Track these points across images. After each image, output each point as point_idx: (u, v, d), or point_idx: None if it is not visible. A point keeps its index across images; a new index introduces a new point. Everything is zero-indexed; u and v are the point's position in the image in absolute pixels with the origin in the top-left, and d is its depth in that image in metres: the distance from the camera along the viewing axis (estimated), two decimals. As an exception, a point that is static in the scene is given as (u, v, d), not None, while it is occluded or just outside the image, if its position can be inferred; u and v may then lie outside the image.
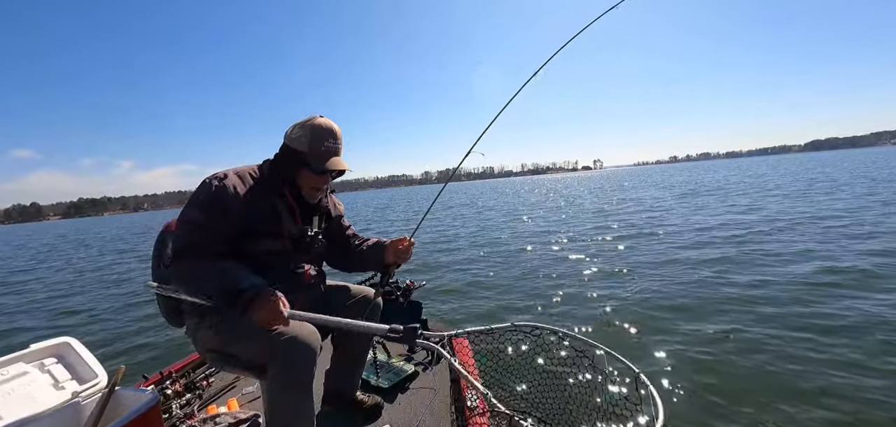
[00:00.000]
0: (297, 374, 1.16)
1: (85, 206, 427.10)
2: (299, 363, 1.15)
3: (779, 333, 3.01)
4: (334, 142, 1.27)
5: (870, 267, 4.36)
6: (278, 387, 1.17)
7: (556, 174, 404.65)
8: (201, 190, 1.21)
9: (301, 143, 1.25)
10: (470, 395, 1.59)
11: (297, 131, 1.26)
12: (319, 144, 1.24)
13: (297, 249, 1.34)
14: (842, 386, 2.33)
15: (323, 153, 1.25)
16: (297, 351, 1.14)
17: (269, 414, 1.21)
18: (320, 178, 1.30)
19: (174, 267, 1.16)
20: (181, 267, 1.15)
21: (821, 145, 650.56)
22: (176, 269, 1.16)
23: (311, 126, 1.24)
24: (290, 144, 1.28)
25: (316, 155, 1.25)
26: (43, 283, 9.11)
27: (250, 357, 1.22)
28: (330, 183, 1.39)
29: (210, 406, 1.81)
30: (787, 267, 4.69)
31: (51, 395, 1.26)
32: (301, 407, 1.19)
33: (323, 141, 1.25)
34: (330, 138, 1.26)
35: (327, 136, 1.26)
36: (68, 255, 15.48)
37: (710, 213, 10.04)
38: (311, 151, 1.24)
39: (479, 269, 6.23)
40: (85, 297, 6.95)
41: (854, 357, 2.60)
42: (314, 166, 1.26)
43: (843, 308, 3.36)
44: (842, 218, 7.66)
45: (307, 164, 1.26)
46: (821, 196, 11.77)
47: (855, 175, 20.07)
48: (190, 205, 1.20)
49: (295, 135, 1.27)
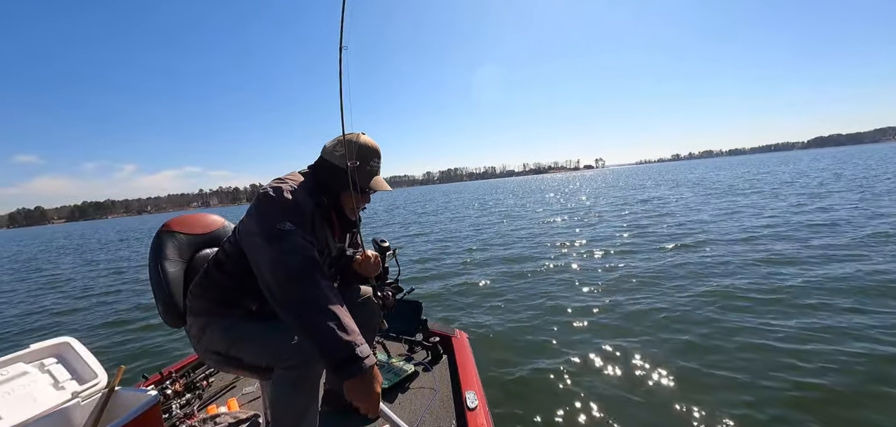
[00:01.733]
0: (307, 376, 1.15)
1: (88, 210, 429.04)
2: (311, 364, 1.14)
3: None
4: (378, 161, 1.27)
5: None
6: (286, 388, 1.16)
7: (558, 173, 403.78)
8: (280, 202, 1.12)
9: (345, 161, 1.21)
10: (470, 395, 1.58)
11: (340, 149, 1.22)
12: (365, 164, 1.23)
13: (331, 266, 1.34)
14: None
15: (368, 173, 1.24)
16: (309, 352, 1.13)
17: (273, 415, 1.20)
18: (363, 197, 1.28)
19: (286, 290, 1.02)
20: (297, 293, 1.01)
21: (824, 142, 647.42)
22: (288, 295, 1.02)
23: (359, 144, 1.22)
24: (332, 161, 1.24)
25: (361, 174, 1.22)
26: (43, 283, 9.16)
27: (256, 360, 1.22)
28: (369, 201, 1.36)
29: (210, 406, 1.81)
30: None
31: (51, 395, 1.26)
32: (308, 408, 1.19)
33: (368, 161, 1.24)
34: (375, 158, 1.25)
35: (372, 156, 1.25)
36: (69, 255, 15.57)
37: (776, 215, 8.46)
38: (357, 170, 1.21)
39: (501, 281, 5.41)
40: (85, 298, 6.98)
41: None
42: (360, 185, 1.23)
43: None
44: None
45: (352, 182, 1.22)
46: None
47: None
48: (274, 218, 1.08)
49: (338, 152, 1.23)
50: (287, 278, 1.02)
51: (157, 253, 1.34)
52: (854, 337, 2.83)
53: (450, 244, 9.14)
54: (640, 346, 2.98)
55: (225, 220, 1.56)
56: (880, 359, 2.53)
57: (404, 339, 2.23)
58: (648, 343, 3.04)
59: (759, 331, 3.07)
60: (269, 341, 1.17)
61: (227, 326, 1.23)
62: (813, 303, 3.50)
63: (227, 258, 1.24)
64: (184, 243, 1.41)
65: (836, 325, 3.02)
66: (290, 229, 1.07)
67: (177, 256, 1.37)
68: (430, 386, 1.82)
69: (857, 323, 3.03)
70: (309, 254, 1.07)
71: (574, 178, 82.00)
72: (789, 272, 4.41)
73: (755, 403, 2.23)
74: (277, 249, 1.05)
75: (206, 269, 1.28)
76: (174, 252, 1.37)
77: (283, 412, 1.17)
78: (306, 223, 1.13)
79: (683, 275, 4.72)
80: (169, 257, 1.35)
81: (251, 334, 1.20)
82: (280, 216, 1.09)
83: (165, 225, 1.41)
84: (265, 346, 1.18)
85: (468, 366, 1.82)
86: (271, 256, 1.05)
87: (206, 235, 1.47)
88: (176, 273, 1.35)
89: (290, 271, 1.03)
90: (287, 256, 1.04)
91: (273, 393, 1.18)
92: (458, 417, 1.55)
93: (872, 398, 2.19)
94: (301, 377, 1.14)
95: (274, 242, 1.06)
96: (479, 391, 1.63)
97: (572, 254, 6.62)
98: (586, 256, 6.31)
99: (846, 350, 2.66)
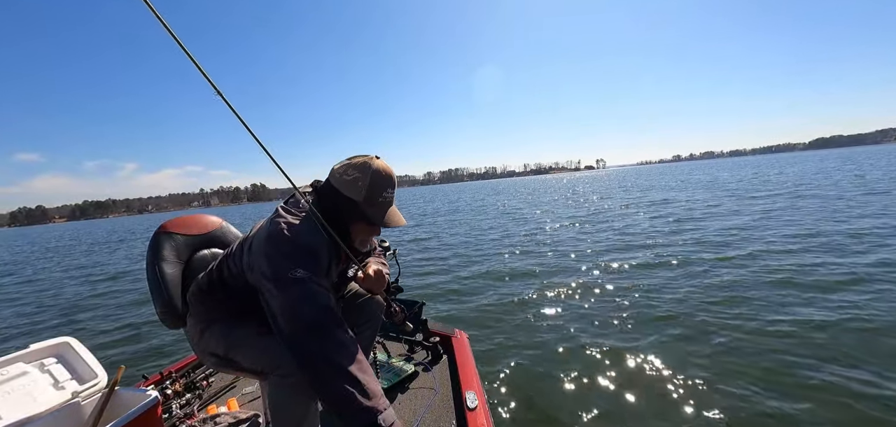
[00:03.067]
0: (303, 383, 1.12)
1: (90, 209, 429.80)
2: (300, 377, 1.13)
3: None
4: (392, 191, 1.14)
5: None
6: (283, 392, 1.15)
7: (559, 174, 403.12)
8: (294, 244, 1.04)
9: (356, 191, 1.10)
10: (470, 395, 1.58)
11: (352, 174, 1.10)
12: (378, 194, 1.10)
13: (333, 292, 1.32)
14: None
15: (381, 205, 1.12)
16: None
17: (273, 419, 1.19)
18: (374, 229, 1.17)
19: (306, 345, 0.97)
20: (315, 350, 0.96)
21: (826, 143, 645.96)
22: (309, 350, 0.96)
23: (371, 172, 1.09)
24: (342, 190, 1.11)
25: (373, 205, 1.11)
26: (43, 282, 9.18)
27: (253, 365, 1.22)
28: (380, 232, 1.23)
29: (210, 406, 1.81)
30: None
31: (51, 395, 1.26)
32: (307, 411, 1.18)
33: (382, 191, 1.11)
34: (389, 187, 1.12)
35: (386, 185, 1.11)
36: (69, 255, 15.60)
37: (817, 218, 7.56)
38: (368, 200, 1.10)
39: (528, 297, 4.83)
40: (85, 298, 6.99)
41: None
42: (373, 221, 1.12)
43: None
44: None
45: (363, 215, 1.12)
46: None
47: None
48: (284, 263, 1.00)
49: (349, 178, 1.10)
50: (301, 330, 0.97)
51: (154, 254, 1.34)
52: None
53: (452, 244, 9.14)
54: (644, 350, 2.98)
55: (223, 220, 1.56)
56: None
57: (404, 339, 2.23)
58: (652, 346, 3.03)
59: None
60: (267, 346, 1.16)
61: (226, 331, 1.23)
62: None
63: (234, 279, 1.19)
64: (181, 244, 1.41)
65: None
66: (304, 277, 1.00)
67: (174, 257, 1.37)
68: (429, 386, 1.82)
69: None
70: (324, 302, 1.00)
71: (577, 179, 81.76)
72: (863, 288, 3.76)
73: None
74: (290, 298, 0.99)
75: (210, 280, 1.25)
76: (172, 253, 1.37)
77: (282, 417, 1.17)
78: (321, 269, 1.05)
79: (685, 272, 4.71)
80: (166, 258, 1.34)
81: (250, 340, 1.19)
82: (293, 262, 1.01)
83: (163, 226, 1.41)
84: (263, 351, 1.17)
85: (468, 366, 1.82)
86: (283, 304, 0.99)
87: (204, 236, 1.47)
88: (174, 274, 1.34)
89: (304, 323, 0.97)
90: (300, 306, 0.98)
91: (271, 398, 1.18)
92: (458, 417, 1.55)
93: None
94: (298, 383, 1.13)
95: (287, 291, 0.99)
96: (479, 391, 1.63)
97: (575, 254, 6.61)
98: (591, 257, 6.30)
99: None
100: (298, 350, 0.97)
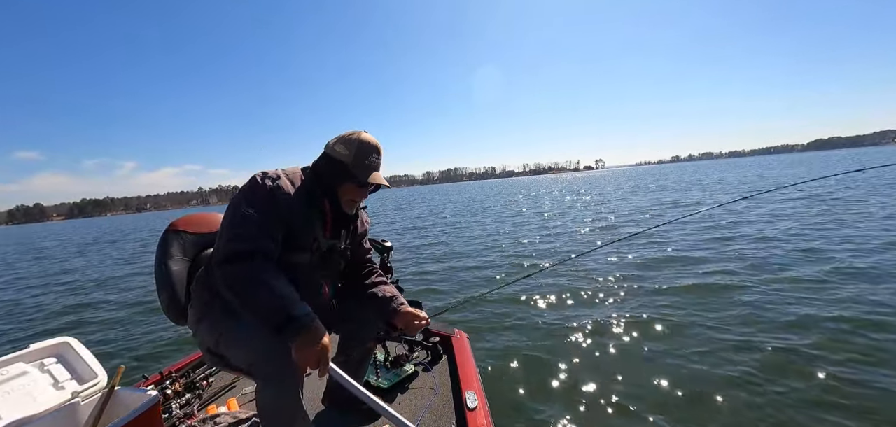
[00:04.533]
0: (284, 383, 1.14)
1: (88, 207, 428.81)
2: (285, 374, 1.13)
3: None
4: (377, 157, 1.29)
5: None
6: (269, 397, 1.17)
7: (559, 174, 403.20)
8: (254, 188, 1.17)
9: (345, 156, 1.25)
10: (470, 395, 1.58)
11: (342, 145, 1.26)
12: (364, 158, 1.25)
13: (322, 263, 1.33)
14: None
15: (367, 166, 1.26)
16: (281, 362, 1.12)
17: (262, 422, 1.21)
18: (361, 190, 1.30)
19: (225, 270, 1.08)
20: (234, 271, 1.07)
21: (824, 144, 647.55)
22: (227, 273, 1.08)
23: (358, 141, 1.26)
24: (333, 156, 1.27)
25: (360, 167, 1.25)
26: (43, 282, 9.15)
27: (239, 362, 1.23)
28: (366, 196, 1.37)
29: (210, 406, 1.81)
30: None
31: (51, 394, 1.26)
32: (295, 414, 1.19)
33: (367, 155, 1.26)
34: (374, 153, 1.27)
35: (371, 152, 1.27)
36: (68, 254, 15.55)
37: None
38: (356, 163, 1.25)
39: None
40: (85, 297, 6.97)
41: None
42: (358, 178, 1.26)
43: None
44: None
45: (351, 175, 1.26)
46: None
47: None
48: (241, 202, 1.15)
49: (339, 147, 1.26)
50: (231, 258, 1.08)
51: (163, 251, 1.39)
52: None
53: (454, 244, 9.14)
54: (645, 350, 2.98)
55: None
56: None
57: (404, 339, 2.23)
58: (653, 347, 3.03)
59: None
60: (251, 341, 1.16)
61: (215, 322, 1.24)
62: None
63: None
64: (189, 242, 1.45)
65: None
66: (251, 216, 1.12)
67: (181, 255, 1.41)
68: (429, 386, 1.82)
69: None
70: (261, 246, 1.10)
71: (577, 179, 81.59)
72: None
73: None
74: (234, 232, 1.11)
75: (208, 270, 1.30)
76: (179, 251, 1.41)
77: (272, 422, 1.18)
78: (276, 213, 1.15)
79: (687, 273, 4.72)
80: (174, 255, 1.39)
81: (235, 333, 1.20)
82: (247, 201, 1.14)
83: (172, 224, 1.45)
84: (247, 346, 1.18)
85: (468, 366, 1.82)
86: (227, 236, 1.12)
87: (211, 234, 1.49)
88: (180, 271, 1.39)
89: (236, 253, 1.08)
90: (238, 241, 1.09)
91: (259, 403, 1.20)
92: (458, 417, 1.55)
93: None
94: (280, 385, 1.14)
95: (234, 225, 1.12)
96: (479, 391, 1.63)
97: (575, 254, 6.61)
98: (591, 257, 6.31)
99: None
100: (224, 275, 1.08)
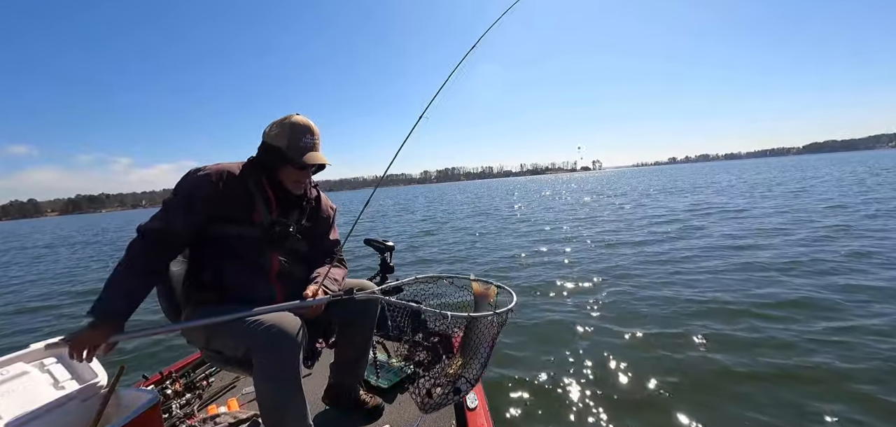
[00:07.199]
0: (280, 365, 1.16)
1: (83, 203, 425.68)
2: (281, 352, 1.15)
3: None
4: (311, 138, 1.33)
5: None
6: (262, 379, 1.18)
7: (556, 174, 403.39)
8: (183, 178, 1.28)
9: (280, 140, 1.30)
10: (470, 396, 1.59)
11: (276, 129, 1.31)
12: (298, 140, 1.30)
13: (266, 238, 1.33)
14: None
15: (301, 148, 1.30)
16: (277, 340, 1.14)
17: (261, 411, 1.21)
18: (301, 172, 1.34)
19: (135, 241, 1.21)
20: (134, 245, 1.20)
21: (819, 148, 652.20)
22: (132, 245, 1.21)
23: (290, 124, 1.30)
24: (269, 142, 1.33)
25: (295, 150, 1.29)
26: (42, 281, 9.08)
27: (232, 352, 1.24)
28: (311, 176, 1.44)
29: (210, 406, 1.81)
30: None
31: (51, 394, 1.25)
32: (289, 398, 1.18)
33: (301, 137, 1.30)
34: (307, 134, 1.32)
35: (304, 133, 1.31)
36: (68, 253, 15.43)
37: None
38: (290, 147, 1.29)
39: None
40: (85, 297, 6.93)
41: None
42: (294, 161, 1.30)
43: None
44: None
45: (287, 159, 1.30)
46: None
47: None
48: (176, 187, 1.27)
49: (273, 132, 1.32)
50: (148, 223, 1.22)
51: None
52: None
53: (452, 243, 9.14)
54: (646, 350, 2.99)
55: None
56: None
57: (404, 339, 2.24)
58: (654, 347, 3.04)
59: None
60: (238, 326, 1.17)
61: (202, 315, 1.24)
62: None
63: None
64: None
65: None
66: (168, 201, 1.24)
67: (181, 256, 1.41)
68: (429, 386, 1.82)
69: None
70: (168, 231, 1.22)
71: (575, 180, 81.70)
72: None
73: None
74: (157, 213, 1.25)
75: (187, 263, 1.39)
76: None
77: (267, 404, 1.19)
78: (190, 198, 1.24)
79: (689, 274, 4.74)
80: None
81: (220, 327, 1.20)
82: (174, 190, 1.26)
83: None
84: (234, 336, 1.20)
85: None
86: (154, 216, 1.26)
87: None
88: (178, 271, 1.40)
89: (137, 228, 1.22)
90: (153, 220, 1.23)
91: (256, 389, 1.20)
92: (458, 417, 1.56)
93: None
94: (273, 367, 1.15)
95: (162, 207, 1.25)
96: (479, 391, 1.64)
97: (575, 254, 6.63)
98: (592, 257, 6.33)
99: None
100: (143, 229, 1.22)
